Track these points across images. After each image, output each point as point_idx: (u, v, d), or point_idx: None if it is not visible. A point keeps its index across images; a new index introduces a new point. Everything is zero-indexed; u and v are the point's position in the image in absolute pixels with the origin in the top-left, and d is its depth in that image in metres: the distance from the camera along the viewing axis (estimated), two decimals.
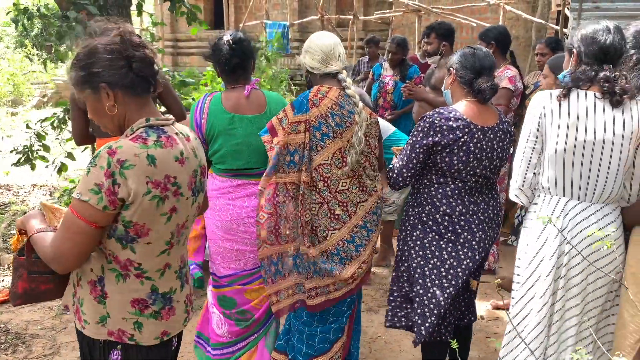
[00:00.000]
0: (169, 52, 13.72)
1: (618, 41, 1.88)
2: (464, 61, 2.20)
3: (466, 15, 8.56)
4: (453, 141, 2.12)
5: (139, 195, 1.33)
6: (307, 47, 2.20)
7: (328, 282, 2.15)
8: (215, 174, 2.38)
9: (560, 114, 1.87)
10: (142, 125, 1.41)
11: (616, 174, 1.88)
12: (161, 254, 1.46)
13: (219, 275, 2.42)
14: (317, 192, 2.12)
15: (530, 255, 1.99)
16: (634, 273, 1.85)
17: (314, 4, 11.61)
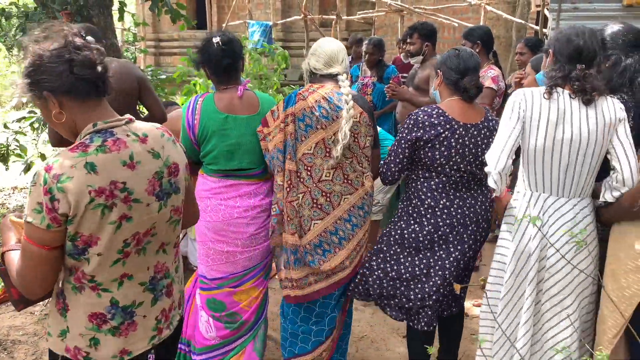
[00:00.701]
0: (151, 52, 13.58)
1: (592, 43, 1.95)
2: (450, 62, 2.30)
3: (448, 15, 8.63)
4: (434, 136, 2.20)
5: (81, 206, 1.27)
6: (313, 51, 2.36)
7: (307, 272, 2.26)
8: (206, 174, 2.36)
9: (541, 112, 1.92)
10: (89, 131, 1.34)
11: (589, 169, 1.95)
12: (115, 264, 1.37)
13: (208, 277, 2.39)
14: (302, 181, 2.24)
15: (512, 253, 2.02)
16: (613, 270, 1.88)
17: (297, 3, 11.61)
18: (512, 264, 2.02)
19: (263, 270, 2.44)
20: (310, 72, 2.38)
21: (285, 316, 2.43)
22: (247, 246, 2.34)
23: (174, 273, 1.56)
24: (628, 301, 1.80)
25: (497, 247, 2.14)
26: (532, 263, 1.97)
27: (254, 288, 2.39)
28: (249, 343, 2.42)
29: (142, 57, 12.74)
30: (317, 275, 2.28)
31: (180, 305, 1.61)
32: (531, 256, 1.97)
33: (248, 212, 2.32)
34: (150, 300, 1.46)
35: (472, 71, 2.26)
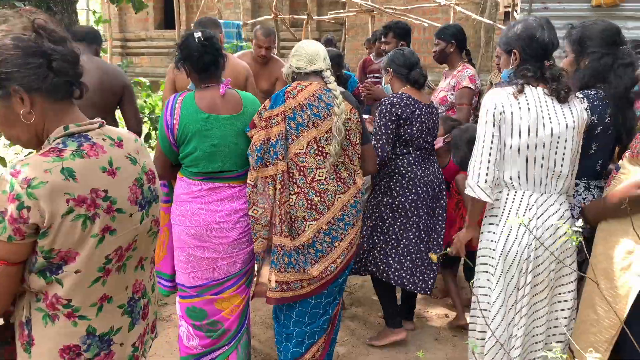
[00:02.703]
0: (118, 52, 13.23)
1: (553, 36, 1.97)
2: (398, 61, 2.81)
3: (418, 15, 8.70)
4: (410, 114, 2.69)
5: (57, 217, 1.12)
6: (294, 52, 2.35)
7: (300, 277, 2.20)
8: (186, 177, 2.24)
9: (521, 111, 1.91)
10: (60, 135, 1.19)
11: (568, 164, 1.98)
12: (94, 284, 1.21)
13: (188, 285, 2.28)
14: (294, 182, 2.19)
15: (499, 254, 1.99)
16: (606, 269, 1.88)
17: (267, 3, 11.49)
18: (500, 266, 1.99)
19: (245, 276, 2.35)
20: (293, 72, 2.34)
21: (278, 320, 2.37)
22: (229, 252, 2.24)
23: (150, 292, 1.42)
24: (623, 300, 1.80)
25: (481, 249, 2.10)
26: (522, 264, 1.95)
27: (236, 295, 2.30)
28: (232, 352, 2.33)
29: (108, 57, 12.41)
30: (309, 279, 2.22)
31: (153, 329, 1.47)
32: (520, 257, 1.95)
33: (230, 216, 2.22)
34: (127, 325, 1.31)
35: (416, 65, 2.79)
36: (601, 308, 1.84)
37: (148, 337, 1.44)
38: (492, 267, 2.03)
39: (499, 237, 2.00)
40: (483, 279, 2.08)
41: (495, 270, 2.01)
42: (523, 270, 1.96)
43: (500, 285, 2.00)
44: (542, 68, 1.95)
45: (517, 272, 1.96)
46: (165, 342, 2.95)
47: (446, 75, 3.72)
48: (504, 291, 2.00)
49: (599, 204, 1.98)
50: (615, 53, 2.11)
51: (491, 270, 2.03)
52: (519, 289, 1.97)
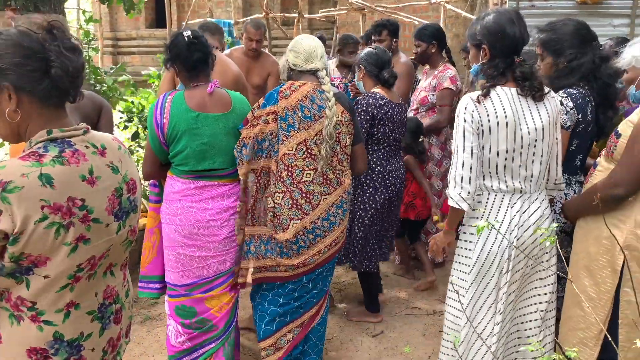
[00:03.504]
0: (109, 51, 13.19)
1: (524, 30, 1.88)
2: (370, 59, 2.95)
3: (408, 13, 8.72)
4: (384, 114, 2.87)
5: (29, 223, 1.09)
6: (292, 47, 2.36)
7: (278, 263, 2.28)
8: (176, 176, 2.25)
9: (498, 118, 1.85)
10: (42, 139, 1.17)
11: (545, 163, 1.96)
12: (62, 290, 1.19)
13: (177, 284, 2.28)
14: (281, 181, 2.23)
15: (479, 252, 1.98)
16: (587, 266, 1.89)
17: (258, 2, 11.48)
18: (477, 266, 1.98)
19: (235, 274, 2.35)
20: (289, 68, 2.37)
21: (254, 300, 2.44)
22: (219, 250, 2.26)
23: (123, 298, 1.40)
24: (606, 296, 1.82)
25: (460, 248, 2.08)
26: (503, 263, 1.94)
27: (225, 293, 2.31)
28: (219, 349, 2.35)
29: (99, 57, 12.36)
30: (286, 265, 2.28)
31: (127, 334, 1.46)
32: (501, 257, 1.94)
33: (221, 214, 2.24)
34: (98, 331, 1.30)
35: (387, 64, 2.96)
36: (587, 305, 1.84)
37: (122, 341, 1.42)
38: (468, 267, 2.01)
39: (478, 238, 1.98)
40: (462, 278, 2.06)
41: (471, 270, 1.99)
42: (504, 270, 1.94)
43: (475, 286, 1.98)
44: (512, 65, 1.88)
45: (497, 272, 1.95)
46: (155, 341, 2.96)
47: (427, 75, 3.73)
48: (483, 291, 1.98)
49: (577, 201, 2.01)
50: (590, 49, 2.15)
51: (467, 269, 2.02)
52: (500, 288, 1.96)
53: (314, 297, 2.42)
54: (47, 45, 1.14)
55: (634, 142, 1.73)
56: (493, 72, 1.88)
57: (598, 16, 4.79)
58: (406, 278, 3.80)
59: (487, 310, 1.98)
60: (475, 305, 2.00)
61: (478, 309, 2.00)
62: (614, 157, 1.81)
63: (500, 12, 1.91)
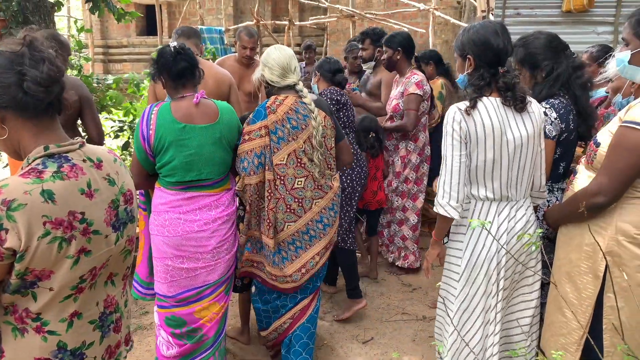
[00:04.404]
0: (100, 59, 13.16)
1: (508, 42, 1.93)
2: (325, 67, 3.39)
3: (398, 20, 8.80)
4: (346, 100, 3.28)
5: (33, 240, 1.12)
6: (265, 62, 2.43)
7: (274, 272, 2.43)
8: (163, 187, 2.26)
9: (485, 128, 1.89)
10: (40, 155, 1.20)
11: (530, 171, 2.01)
12: (65, 300, 1.23)
13: (167, 295, 2.30)
14: (276, 189, 2.36)
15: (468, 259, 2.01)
16: (568, 272, 1.92)
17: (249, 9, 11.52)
18: (465, 274, 2.01)
19: (225, 284, 2.38)
20: (266, 83, 2.45)
21: (253, 295, 2.64)
22: (208, 260, 2.27)
23: (123, 307, 1.44)
24: (587, 302, 1.85)
25: (449, 256, 2.11)
26: (492, 272, 1.96)
27: (214, 303, 2.33)
28: (209, 358, 2.36)
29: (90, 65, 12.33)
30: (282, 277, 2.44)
31: (127, 342, 1.50)
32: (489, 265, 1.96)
33: (209, 224, 2.25)
34: (99, 339, 1.34)
35: (339, 71, 3.41)
36: (568, 310, 1.87)
37: (122, 348, 1.46)
38: (457, 275, 2.04)
39: (466, 246, 2.01)
40: (451, 285, 2.08)
41: (460, 277, 2.02)
42: (493, 278, 1.97)
43: (465, 293, 2.01)
44: (496, 75, 1.93)
45: (486, 280, 1.97)
46: (146, 350, 2.97)
47: (397, 84, 3.80)
48: (472, 299, 2.01)
49: (559, 209, 2.04)
50: (564, 58, 2.23)
51: (456, 277, 2.05)
52: (491, 296, 1.98)
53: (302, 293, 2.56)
54: (19, 60, 1.17)
55: (613, 151, 1.76)
56: (479, 83, 1.93)
57: (582, 24, 4.89)
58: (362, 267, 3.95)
59: (477, 318, 2.01)
60: (465, 313, 2.03)
61: (467, 317, 2.03)
62: (594, 165, 1.85)
63: (484, 24, 1.97)
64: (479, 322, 2.01)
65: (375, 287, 3.76)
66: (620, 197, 1.77)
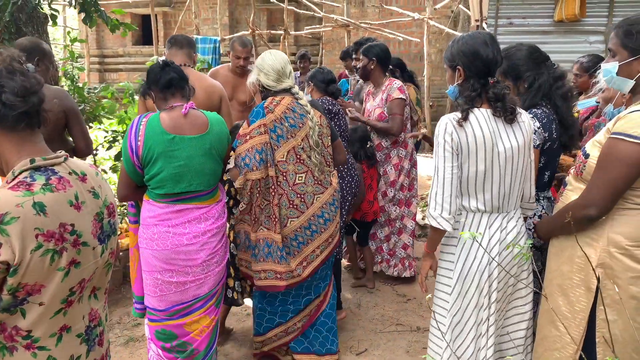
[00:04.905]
0: (96, 68, 13.18)
1: (497, 52, 1.93)
2: (319, 77, 3.41)
3: (392, 30, 8.86)
4: (338, 109, 3.29)
5: (26, 253, 1.12)
6: (261, 67, 2.51)
7: (281, 269, 2.48)
8: (152, 199, 2.23)
9: (476, 139, 1.89)
10: (26, 167, 1.20)
11: (521, 181, 2.01)
12: (56, 315, 1.22)
13: (157, 308, 2.27)
14: (279, 185, 2.45)
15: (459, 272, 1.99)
16: (560, 285, 1.89)
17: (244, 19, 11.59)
18: (457, 286, 1.99)
19: (215, 297, 2.35)
20: (262, 87, 2.54)
21: (254, 297, 2.71)
22: (197, 274, 2.24)
23: (104, 321, 1.44)
24: (580, 315, 1.82)
25: (441, 268, 2.09)
26: (483, 284, 1.95)
27: (205, 317, 2.30)
28: None
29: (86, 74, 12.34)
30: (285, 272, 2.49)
31: (106, 356, 1.47)
32: (481, 277, 1.95)
33: (198, 237, 2.22)
34: (84, 353, 1.33)
35: (332, 81, 3.43)
36: (561, 324, 1.84)
37: None
38: (449, 287, 2.02)
39: (457, 258, 1.99)
40: (443, 299, 2.06)
41: (452, 289, 2.00)
42: (485, 291, 1.95)
43: (457, 307, 1.99)
44: (486, 86, 1.92)
45: (478, 292, 1.96)
46: None
47: (373, 95, 3.82)
48: (464, 312, 1.99)
49: (550, 221, 2.01)
50: (545, 69, 2.27)
51: (448, 290, 2.03)
52: (483, 309, 1.97)
53: (311, 294, 2.66)
54: None
55: (603, 163, 1.75)
56: (470, 94, 1.92)
57: (574, 33, 4.93)
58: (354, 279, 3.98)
59: (469, 331, 1.99)
60: (457, 326, 2.00)
61: (459, 330, 2.00)
62: (584, 176, 1.84)
63: (473, 35, 1.97)
64: (471, 336, 1.99)
65: (370, 297, 3.74)
66: (611, 209, 1.75)
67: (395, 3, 10.05)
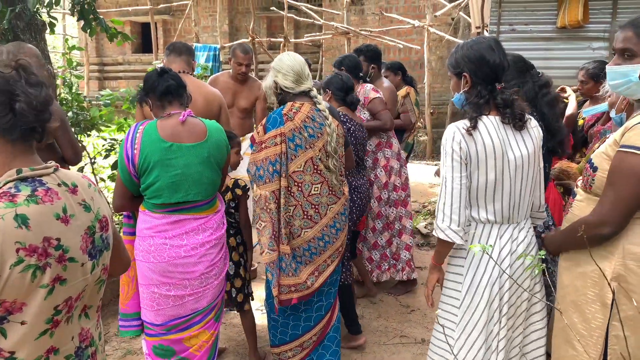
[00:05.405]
0: (95, 76, 13.16)
1: (503, 57, 1.88)
2: (336, 84, 3.13)
3: (393, 37, 8.83)
4: (347, 130, 2.95)
5: (5, 268, 1.05)
6: (279, 68, 2.43)
7: (296, 282, 2.41)
8: (148, 210, 2.16)
9: (486, 148, 1.82)
10: (12, 178, 1.13)
11: (531, 190, 1.94)
12: (41, 336, 1.14)
13: (154, 323, 2.19)
14: (292, 195, 2.37)
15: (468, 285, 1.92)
16: (575, 301, 1.80)
17: (244, 26, 11.58)
18: (467, 299, 1.91)
19: (214, 311, 2.28)
20: (280, 90, 2.44)
21: (272, 309, 2.57)
22: (196, 287, 2.17)
23: (97, 340, 1.36)
24: (597, 332, 1.72)
25: (448, 281, 2.01)
26: (494, 297, 1.87)
27: (204, 331, 2.23)
28: None
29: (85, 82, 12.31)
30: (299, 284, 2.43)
31: None
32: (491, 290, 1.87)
33: (196, 249, 2.15)
34: None
35: (351, 90, 3.17)
36: (578, 343, 1.75)
37: None
38: (457, 300, 1.95)
39: (466, 270, 1.92)
40: (449, 312, 1.98)
41: (460, 303, 1.92)
42: (495, 304, 1.87)
43: (465, 321, 1.91)
44: (494, 92, 1.86)
45: (488, 306, 1.88)
46: None
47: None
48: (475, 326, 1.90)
49: (561, 236, 1.91)
50: (530, 77, 2.28)
51: (456, 303, 1.95)
52: (494, 323, 1.89)
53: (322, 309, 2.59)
54: (12, 82, 1.13)
55: (614, 179, 1.65)
56: (478, 101, 1.85)
57: (577, 40, 4.89)
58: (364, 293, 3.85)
59: (479, 348, 1.90)
60: (466, 341, 1.91)
61: (470, 346, 1.91)
62: (593, 190, 1.75)
63: (478, 40, 1.91)
64: (482, 354, 1.90)
65: (373, 309, 3.67)
66: (626, 225, 1.66)
67: (395, 10, 10.04)
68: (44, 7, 4.19)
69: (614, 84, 1.74)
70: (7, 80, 1.13)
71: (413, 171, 4.74)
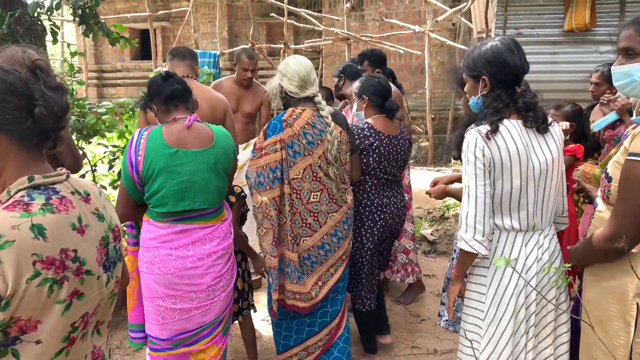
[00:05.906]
0: (94, 83, 13.09)
1: (524, 59, 1.80)
2: (373, 89, 2.78)
3: (393, 42, 8.79)
4: (368, 146, 2.67)
5: (21, 283, 0.96)
6: (285, 72, 2.38)
7: (300, 290, 2.38)
8: (152, 219, 2.07)
9: (510, 154, 1.73)
10: (24, 186, 1.05)
11: (555, 196, 1.87)
12: (57, 356, 1.05)
13: (159, 337, 2.10)
14: (291, 203, 2.32)
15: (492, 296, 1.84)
16: (599, 317, 1.70)
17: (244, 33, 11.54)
18: (492, 310, 1.83)
19: (222, 324, 2.19)
20: (284, 94, 2.40)
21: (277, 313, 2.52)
22: (203, 300, 2.08)
23: (108, 357, 1.28)
24: (621, 351, 1.62)
25: (471, 292, 1.92)
26: (520, 308, 1.79)
27: (212, 346, 2.13)
28: None
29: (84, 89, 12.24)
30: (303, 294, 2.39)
31: None
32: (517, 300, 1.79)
33: (203, 260, 2.06)
34: None
35: (389, 95, 2.82)
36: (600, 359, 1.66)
37: None
38: (482, 312, 1.86)
39: (490, 281, 1.84)
40: (474, 324, 1.90)
41: (485, 315, 1.84)
42: (521, 315, 1.79)
43: (489, 334, 1.83)
44: (514, 95, 1.78)
45: (514, 318, 1.80)
46: None
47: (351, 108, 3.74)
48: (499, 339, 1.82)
49: (583, 249, 1.78)
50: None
51: (480, 315, 1.87)
52: (521, 335, 1.80)
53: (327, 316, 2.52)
54: (31, 84, 1.05)
55: (624, 190, 1.56)
56: (498, 105, 1.77)
57: (584, 43, 4.84)
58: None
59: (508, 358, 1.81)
60: (492, 355, 1.83)
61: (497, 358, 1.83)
62: (610, 201, 1.67)
63: (498, 41, 1.82)
64: None
65: None
66: None
67: (395, 16, 10.01)
68: (44, 13, 4.13)
69: (620, 84, 1.65)
70: (26, 82, 1.05)
71: (415, 177, 4.64)
